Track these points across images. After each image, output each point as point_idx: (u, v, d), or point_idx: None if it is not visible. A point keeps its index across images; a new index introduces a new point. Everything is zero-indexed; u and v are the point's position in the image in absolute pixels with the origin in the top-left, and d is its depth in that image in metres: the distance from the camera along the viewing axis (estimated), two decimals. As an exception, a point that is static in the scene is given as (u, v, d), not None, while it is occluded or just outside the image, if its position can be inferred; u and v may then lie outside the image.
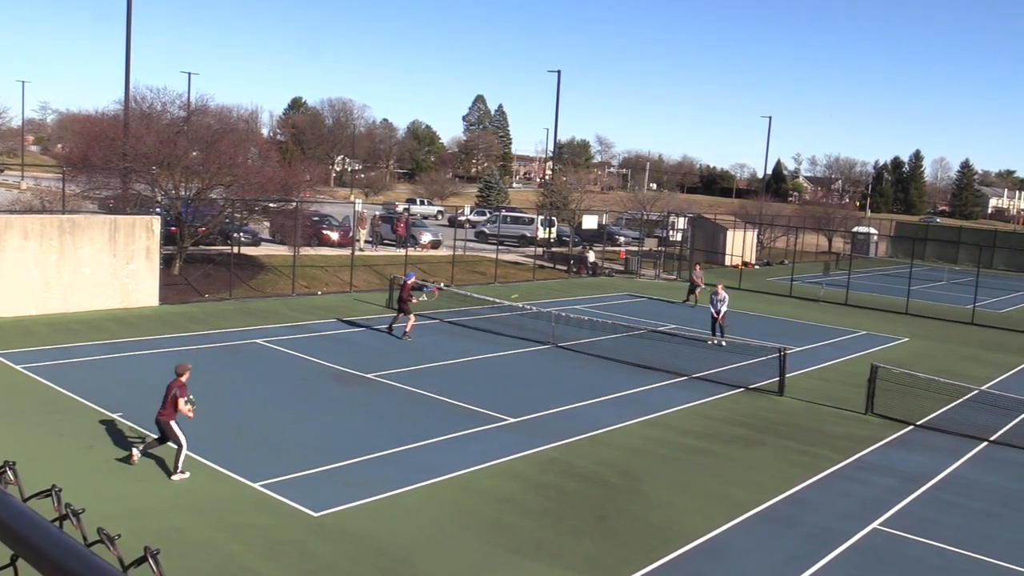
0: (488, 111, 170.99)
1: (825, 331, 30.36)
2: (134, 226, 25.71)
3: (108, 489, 12.22)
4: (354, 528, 11.55)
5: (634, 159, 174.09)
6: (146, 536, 10.51)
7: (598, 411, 18.03)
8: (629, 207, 62.16)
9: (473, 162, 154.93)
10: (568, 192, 55.69)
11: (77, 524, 1.28)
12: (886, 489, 14.58)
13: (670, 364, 22.64)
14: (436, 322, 27.09)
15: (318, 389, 18.42)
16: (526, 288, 36.60)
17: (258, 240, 39.78)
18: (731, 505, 13.29)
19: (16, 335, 21.02)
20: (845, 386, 21.59)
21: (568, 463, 14.75)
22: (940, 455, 16.61)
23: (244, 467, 13.34)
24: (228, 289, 28.99)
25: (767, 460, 15.74)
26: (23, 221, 23.73)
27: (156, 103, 33.94)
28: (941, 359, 26.55)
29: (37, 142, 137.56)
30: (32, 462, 12.43)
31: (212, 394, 17.42)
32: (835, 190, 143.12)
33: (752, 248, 53.15)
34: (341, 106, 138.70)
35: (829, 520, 12.99)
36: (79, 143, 35.59)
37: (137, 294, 25.77)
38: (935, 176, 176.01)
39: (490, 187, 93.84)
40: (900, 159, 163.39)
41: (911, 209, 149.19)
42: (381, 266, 37.10)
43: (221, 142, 32.66)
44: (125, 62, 31.63)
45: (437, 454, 14.69)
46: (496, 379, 20.41)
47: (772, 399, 20.11)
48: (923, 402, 19.72)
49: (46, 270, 23.71)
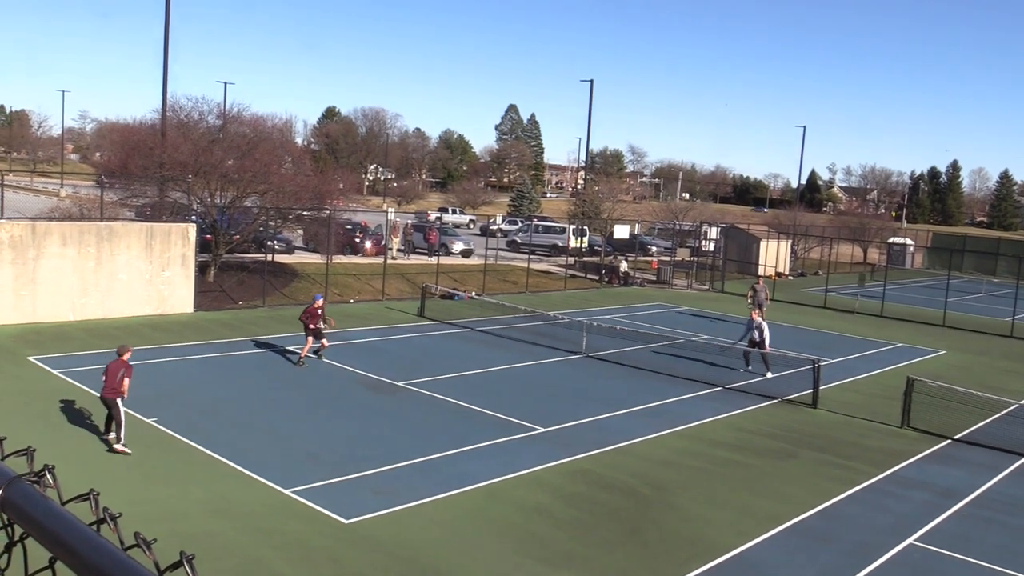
0: (521, 120, 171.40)
1: (860, 343, 29.99)
2: (170, 234, 26.04)
3: (142, 493, 12.35)
4: (384, 536, 11.57)
5: (667, 169, 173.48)
6: (179, 540, 10.60)
7: (629, 422, 17.94)
8: (661, 217, 61.94)
9: (505, 171, 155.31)
10: (600, 202, 55.61)
11: (114, 528, 1.29)
12: (922, 504, 14.35)
13: (702, 375, 22.48)
14: (467, 331, 27.13)
15: (350, 397, 18.51)
16: (558, 298, 36.56)
17: (292, 248, 40.13)
18: (764, 518, 13.14)
19: (55, 340, 21.35)
20: (880, 399, 21.30)
21: (599, 474, 14.68)
22: (978, 470, 16.31)
23: (276, 473, 13.43)
24: (262, 296, 29.25)
25: (801, 473, 15.55)
26: (62, 228, 24.13)
27: (193, 112, 34.45)
28: (979, 372, 26.12)
29: (76, 150, 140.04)
30: (69, 465, 12.59)
31: (245, 400, 17.59)
32: (870, 200, 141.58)
33: (786, 258, 52.71)
34: (374, 115, 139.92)
35: (864, 535, 12.80)
36: (117, 151, 36.19)
37: (172, 301, 26.09)
38: (973, 186, 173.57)
39: (522, 196, 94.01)
40: (937, 169, 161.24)
41: (948, 220, 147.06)
42: (413, 275, 37.26)
43: (256, 150, 33.01)
44: (163, 72, 32.14)
45: (467, 463, 14.69)
46: (527, 388, 20.38)
47: (806, 411, 19.88)
48: (960, 416, 19.39)
49: (84, 276, 24.08)
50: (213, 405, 17.00)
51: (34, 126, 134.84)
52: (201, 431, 15.22)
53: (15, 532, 1.41)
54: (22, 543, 1.42)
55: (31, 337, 21.49)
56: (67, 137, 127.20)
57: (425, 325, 27.78)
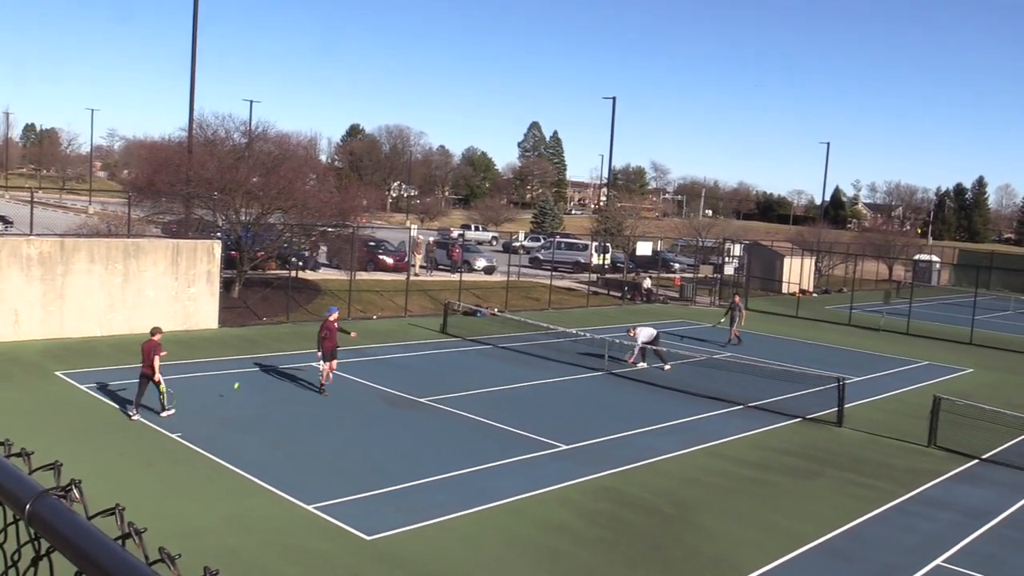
0: (543, 137, 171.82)
1: (885, 361, 29.69)
2: (195, 250, 26.29)
3: (166, 508, 12.41)
4: (406, 553, 11.56)
5: (689, 185, 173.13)
6: (202, 555, 10.64)
7: (652, 439, 17.84)
8: (684, 234, 61.75)
9: (528, 188, 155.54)
10: (623, 218, 55.55)
11: (139, 543, 1.30)
12: (950, 524, 14.15)
13: (725, 392, 22.33)
14: (490, 347, 27.13)
15: (372, 413, 18.54)
16: (580, 314, 36.49)
17: (316, 265, 40.30)
18: (788, 538, 13.00)
19: (82, 355, 21.57)
20: (907, 417, 21.04)
21: (622, 491, 14.60)
22: (1007, 491, 16.06)
23: (298, 489, 13.46)
24: (285, 312, 29.42)
25: (826, 492, 15.39)
26: (90, 245, 24.43)
27: (220, 130, 34.82)
28: (1007, 391, 25.75)
29: (104, 168, 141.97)
30: (94, 479, 12.63)
31: (269, 416, 17.66)
32: (895, 217, 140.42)
33: (810, 275, 52.33)
34: (398, 133, 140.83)
35: (891, 556, 12.63)
36: (145, 169, 36.61)
37: (197, 317, 26.29)
38: (999, 203, 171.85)
39: (544, 213, 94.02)
40: (963, 186, 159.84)
41: (975, 237, 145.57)
42: (436, 291, 37.33)
43: (281, 168, 33.29)
44: (190, 90, 32.52)
45: (489, 480, 14.66)
46: (549, 405, 20.33)
47: (831, 430, 19.68)
48: (988, 435, 19.12)
49: (111, 292, 24.34)
50: (237, 421, 17.08)
51: (64, 144, 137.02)
52: (225, 446, 15.29)
53: (42, 546, 1.43)
54: (48, 557, 1.44)
55: (58, 352, 21.72)
56: (96, 155, 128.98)
57: (448, 341, 27.81)
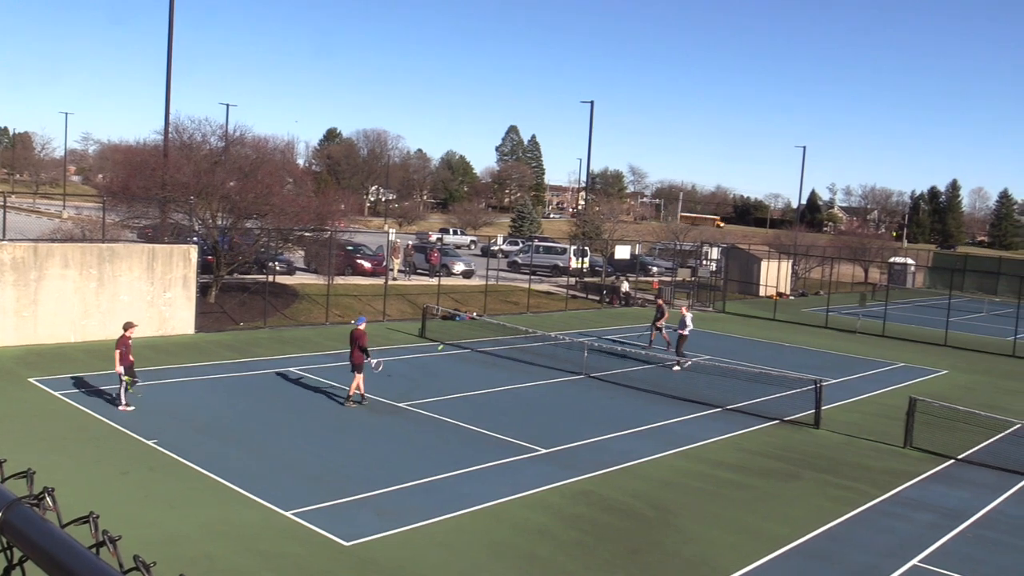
0: (521, 141, 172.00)
1: (862, 363, 29.93)
2: (171, 255, 26.07)
3: (142, 515, 12.29)
4: (385, 559, 11.50)
5: (667, 189, 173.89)
6: (179, 563, 10.56)
7: (631, 442, 17.87)
8: (662, 237, 62.02)
9: (506, 192, 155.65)
10: (601, 222, 55.69)
11: (113, 551, 1.28)
12: (927, 525, 14.27)
13: (703, 395, 22.42)
14: (468, 351, 27.10)
15: (350, 418, 18.46)
16: (559, 318, 36.53)
17: (293, 269, 40.09)
18: (767, 540, 13.07)
19: (55, 361, 21.33)
20: (883, 419, 21.23)
21: (600, 495, 14.61)
22: (982, 491, 16.23)
23: (276, 495, 13.37)
24: (263, 318, 29.24)
25: (803, 494, 15.48)
26: (64, 249, 24.17)
27: (196, 134, 34.55)
28: (982, 392, 26.04)
29: (79, 172, 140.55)
30: (69, 487, 12.54)
31: (245, 422, 17.54)
32: (871, 220, 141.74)
33: (787, 278, 52.69)
34: (376, 137, 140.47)
35: (869, 556, 12.72)
36: (120, 173, 36.27)
37: (173, 322, 26.08)
38: (973, 206, 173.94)
39: (523, 217, 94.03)
40: (937, 189, 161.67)
41: (948, 240, 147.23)
42: (414, 295, 37.24)
43: (258, 172, 33.10)
44: (166, 93, 32.24)
45: (468, 484, 14.63)
46: (528, 409, 20.33)
47: (808, 432, 19.81)
48: (963, 436, 19.33)
49: (85, 298, 24.09)
50: (214, 427, 16.95)
51: (37, 148, 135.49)
52: (201, 453, 15.16)
53: (14, 555, 1.40)
54: (21, 566, 1.41)
55: (32, 359, 21.47)
56: (70, 159, 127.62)
57: (426, 346, 27.74)
